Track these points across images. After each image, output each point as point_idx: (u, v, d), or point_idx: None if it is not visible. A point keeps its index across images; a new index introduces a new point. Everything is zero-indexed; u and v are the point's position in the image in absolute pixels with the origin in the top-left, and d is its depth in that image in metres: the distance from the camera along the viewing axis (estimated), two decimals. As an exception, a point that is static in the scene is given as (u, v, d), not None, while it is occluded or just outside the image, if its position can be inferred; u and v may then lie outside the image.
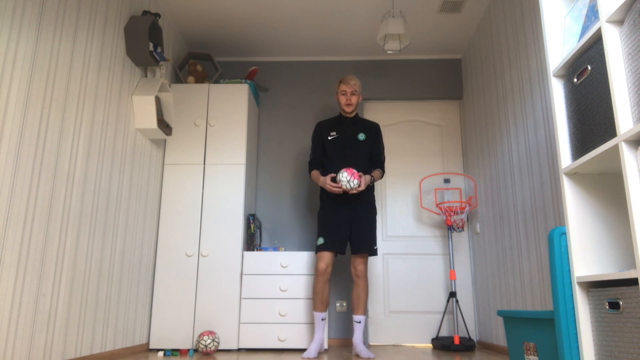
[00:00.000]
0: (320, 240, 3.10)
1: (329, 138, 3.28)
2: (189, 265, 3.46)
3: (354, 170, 3.00)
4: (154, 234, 3.49)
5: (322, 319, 3.07)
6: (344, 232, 3.13)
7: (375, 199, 4.22)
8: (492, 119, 3.55)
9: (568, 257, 1.64)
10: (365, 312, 3.11)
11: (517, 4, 3.06)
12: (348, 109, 3.26)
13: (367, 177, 3.10)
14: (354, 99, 3.26)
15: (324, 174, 3.24)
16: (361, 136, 3.27)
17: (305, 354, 2.91)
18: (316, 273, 3.07)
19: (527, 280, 2.89)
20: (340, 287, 3.97)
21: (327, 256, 3.06)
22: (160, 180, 3.62)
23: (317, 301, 3.07)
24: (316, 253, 3.11)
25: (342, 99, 3.27)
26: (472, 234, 4.01)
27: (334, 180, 3.09)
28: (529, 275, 2.87)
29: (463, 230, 3.91)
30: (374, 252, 3.13)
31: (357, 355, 2.99)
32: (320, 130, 3.32)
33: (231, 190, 3.60)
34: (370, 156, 3.27)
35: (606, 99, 1.44)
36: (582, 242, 1.60)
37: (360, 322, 3.08)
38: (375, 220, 3.20)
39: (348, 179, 2.97)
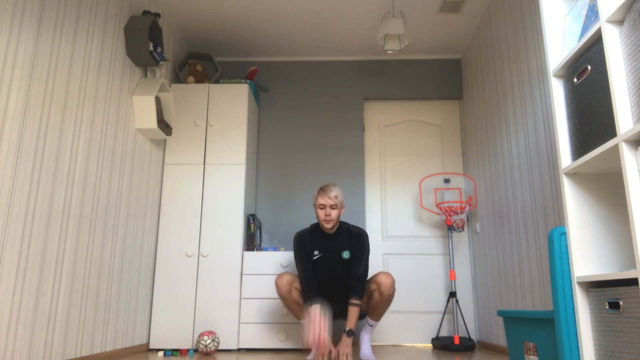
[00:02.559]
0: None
1: (313, 258, 3.01)
2: (189, 265, 3.46)
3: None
4: (154, 234, 3.49)
5: None
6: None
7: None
8: (492, 119, 3.55)
9: (568, 257, 1.64)
10: (378, 319, 3.04)
11: (517, 4, 3.06)
12: (327, 225, 2.92)
13: (348, 342, 2.75)
14: (334, 214, 2.90)
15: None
16: (345, 254, 2.97)
17: (309, 357, 2.91)
18: (278, 292, 3.00)
19: (527, 280, 2.89)
20: (340, 287, 3.97)
21: (286, 275, 3.01)
22: (160, 180, 3.62)
23: (297, 310, 3.06)
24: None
25: (321, 214, 2.92)
26: (472, 234, 4.01)
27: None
28: (529, 275, 2.87)
29: (463, 230, 3.91)
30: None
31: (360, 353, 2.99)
32: (303, 246, 2.99)
33: (231, 190, 3.60)
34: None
35: (606, 99, 1.44)
36: (582, 242, 1.60)
37: (372, 325, 3.06)
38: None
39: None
